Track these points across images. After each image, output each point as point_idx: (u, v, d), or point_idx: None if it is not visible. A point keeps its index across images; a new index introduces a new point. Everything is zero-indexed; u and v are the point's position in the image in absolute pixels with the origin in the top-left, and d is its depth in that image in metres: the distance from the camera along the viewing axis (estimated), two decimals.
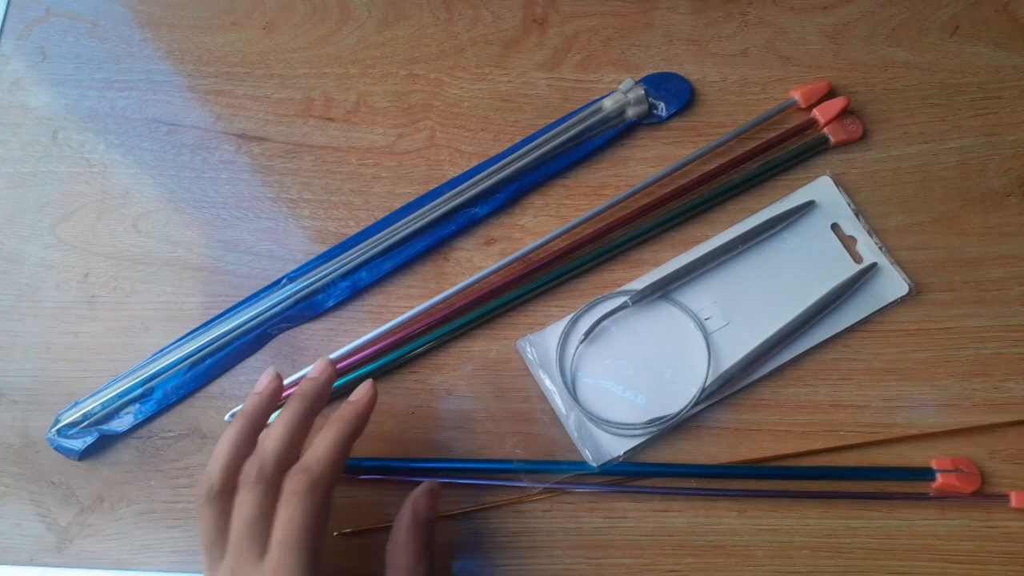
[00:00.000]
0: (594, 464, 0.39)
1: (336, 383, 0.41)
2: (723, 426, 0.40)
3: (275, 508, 0.31)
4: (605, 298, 0.42)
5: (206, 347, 0.42)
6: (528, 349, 0.41)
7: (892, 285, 0.41)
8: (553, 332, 0.41)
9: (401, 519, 0.35)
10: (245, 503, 0.31)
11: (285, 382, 0.41)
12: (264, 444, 0.32)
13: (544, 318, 0.42)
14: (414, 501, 0.35)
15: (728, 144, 0.44)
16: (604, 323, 0.41)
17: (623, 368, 0.41)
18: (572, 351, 0.41)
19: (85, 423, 0.41)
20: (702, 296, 0.42)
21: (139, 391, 0.42)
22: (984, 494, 0.38)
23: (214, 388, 0.42)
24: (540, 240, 0.42)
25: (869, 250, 0.42)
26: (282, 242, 0.45)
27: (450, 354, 0.42)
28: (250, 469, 0.31)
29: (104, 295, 0.44)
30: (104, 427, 0.41)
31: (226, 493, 0.31)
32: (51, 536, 0.41)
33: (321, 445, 0.33)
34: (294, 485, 0.31)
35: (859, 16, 0.47)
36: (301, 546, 0.30)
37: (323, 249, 0.44)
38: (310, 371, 0.36)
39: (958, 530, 0.38)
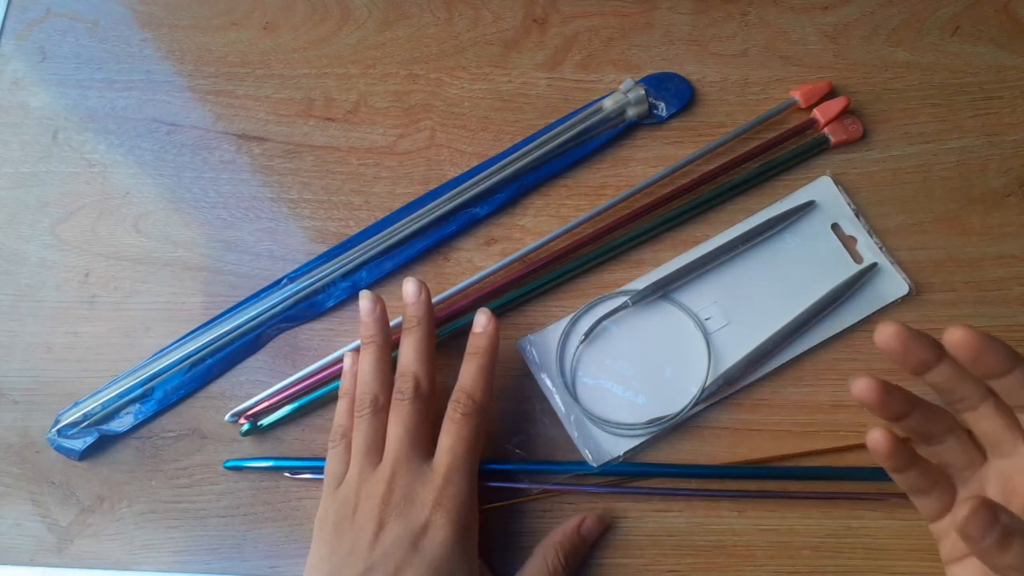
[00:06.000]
0: (594, 464, 0.39)
1: (337, 383, 0.41)
2: (723, 426, 0.40)
3: (429, 421, 0.36)
4: (605, 298, 0.42)
5: (206, 347, 0.42)
6: (528, 349, 0.41)
7: (892, 285, 0.41)
8: (553, 332, 0.41)
9: (568, 523, 0.38)
10: (407, 414, 0.35)
11: (286, 382, 0.41)
12: (411, 368, 0.37)
13: (544, 318, 0.42)
14: (584, 516, 0.38)
15: (728, 144, 0.44)
16: (604, 323, 0.41)
17: (623, 368, 0.41)
18: (572, 351, 0.41)
19: (85, 423, 0.41)
20: (702, 296, 0.42)
21: (139, 391, 0.42)
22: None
23: (214, 388, 0.42)
24: (540, 240, 0.42)
25: (869, 250, 0.42)
26: (282, 242, 0.45)
27: (450, 354, 0.42)
28: (406, 387, 0.36)
29: (104, 295, 0.44)
30: (104, 427, 0.41)
31: (384, 409, 0.36)
32: (51, 536, 0.41)
33: (476, 375, 0.37)
34: (462, 408, 0.36)
35: (859, 16, 0.47)
36: (470, 457, 0.35)
37: (323, 249, 0.44)
38: (407, 295, 0.38)
39: None
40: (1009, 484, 0.31)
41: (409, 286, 0.38)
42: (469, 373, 0.37)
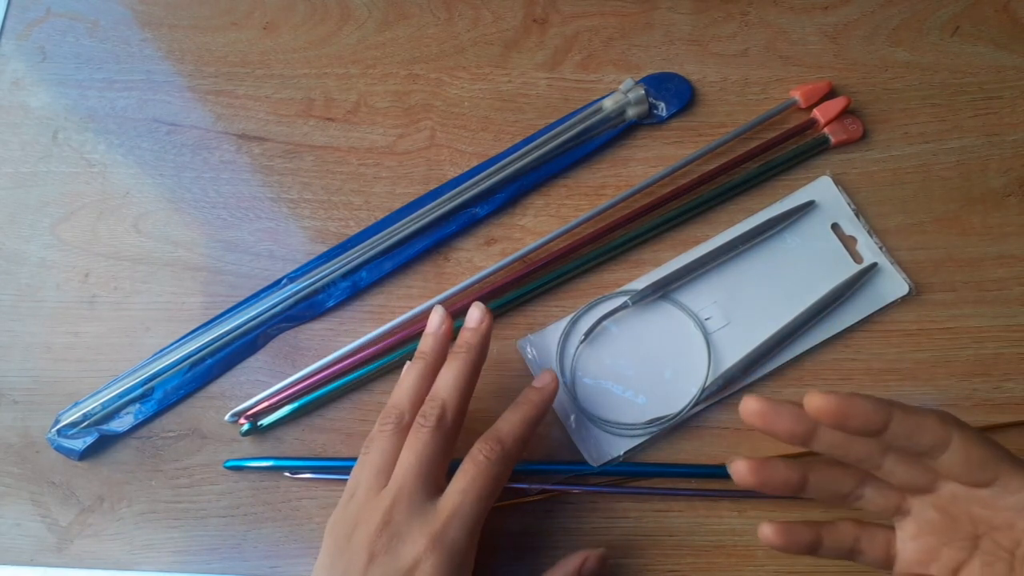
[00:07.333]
0: (594, 464, 0.39)
1: (337, 383, 0.41)
2: (723, 426, 0.40)
3: (448, 456, 0.34)
4: (605, 298, 0.42)
5: (206, 347, 0.42)
6: (528, 349, 0.41)
7: (892, 285, 0.41)
8: (553, 332, 0.41)
9: (567, 564, 0.36)
10: (423, 443, 0.33)
11: (286, 382, 0.41)
12: (442, 394, 0.34)
13: (544, 318, 0.42)
14: (586, 555, 0.36)
15: (728, 144, 0.44)
16: (604, 323, 0.41)
17: (623, 368, 0.41)
18: (572, 351, 0.41)
19: (85, 423, 0.41)
20: (702, 296, 0.42)
21: (139, 391, 0.42)
22: None
23: (214, 388, 0.42)
24: (540, 240, 0.42)
25: (869, 250, 0.42)
26: (282, 242, 0.45)
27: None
28: (431, 413, 0.34)
29: (104, 295, 0.44)
30: (104, 427, 0.41)
31: (408, 428, 0.34)
32: (52, 536, 0.41)
33: (516, 424, 0.35)
34: (487, 451, 0.33)
35: (859, 16, 0.47)
36: (479, 504, 0.33)
37: (323, 249, 0.44)
38: (469, 319, 0.37)
39: None
40: (948, 514, 0.30)
41: (474, 311, 0.37)
42: (510, 420, 0.35)
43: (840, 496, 0.32)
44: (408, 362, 0.37)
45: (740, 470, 0.30)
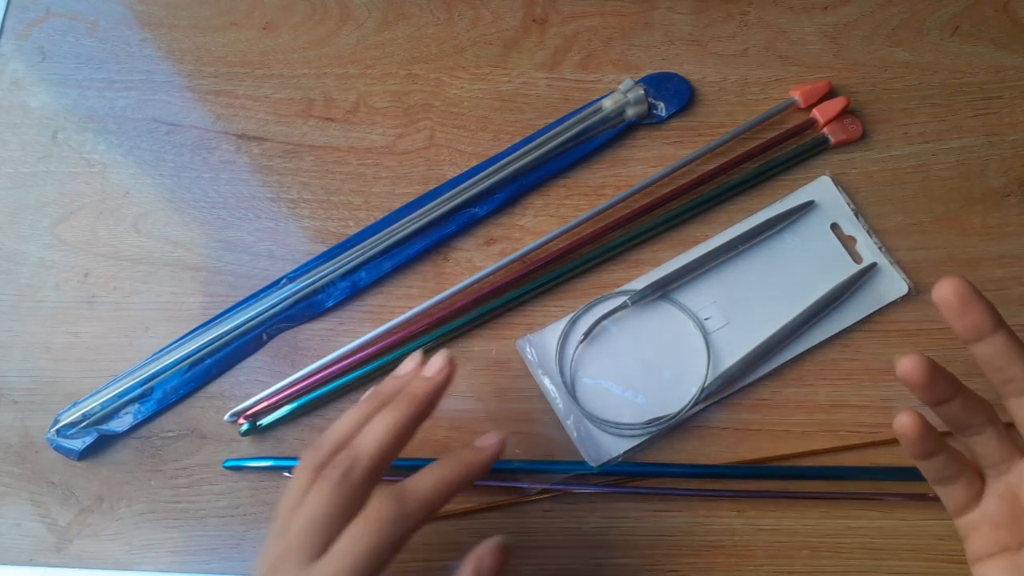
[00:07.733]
0: (593, 464, 0.39)
1: (337, 383, 0.41)
2: (723, 426, 0.40)
3: (349, 514, 0.29)
4: (605, 298, 0.42)
5: (206, 347, 0.42)
6: (528, 349, 0.41)
7: (892, 285, 0.41)
8: (553, 332, 0.41)
9: (461, 574, 0.31)
10: (321, 500, 0.29)
11: (286, 382, 0.41)
12: (360, 446, 0.30)
13: (544, 318, 0.42)
14: (479, 558, 0.31)
15: (728, 144, 0.44)
16: (604, 323, 0.41)
17: (623, 368, 0.41)
18: (572, 351, 0.41)
19: (85, 423, 0.41)
20: (702, 296, 0.42)
21: (139, 391, 0.42)
22: None
23: (214, 388, 0.42)
24: (540, 240, 0.42)
25: (869, 250, 0.42)
26: (282, 242, 0.45)
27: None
28: (341, 464, 0.29)
29: (104, 295, 0.44)
30: (104, 427, 0.41)
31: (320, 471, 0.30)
32: (51, 536, 0.41)
33: (428, 484, 0.30)
34: (384, 510, 0.29)
35: (859, 16, 0.47)
36: (362, 569, 0.28)
37: (323, 249, 0.44)
38: (428, 366, 0.33)
39: None
40: None
41: (437, 358, 0.33)
42: (427, 479, 0.30)
43: (965, 425, 0.30)
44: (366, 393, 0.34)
45: (910, 365, 0.28)
